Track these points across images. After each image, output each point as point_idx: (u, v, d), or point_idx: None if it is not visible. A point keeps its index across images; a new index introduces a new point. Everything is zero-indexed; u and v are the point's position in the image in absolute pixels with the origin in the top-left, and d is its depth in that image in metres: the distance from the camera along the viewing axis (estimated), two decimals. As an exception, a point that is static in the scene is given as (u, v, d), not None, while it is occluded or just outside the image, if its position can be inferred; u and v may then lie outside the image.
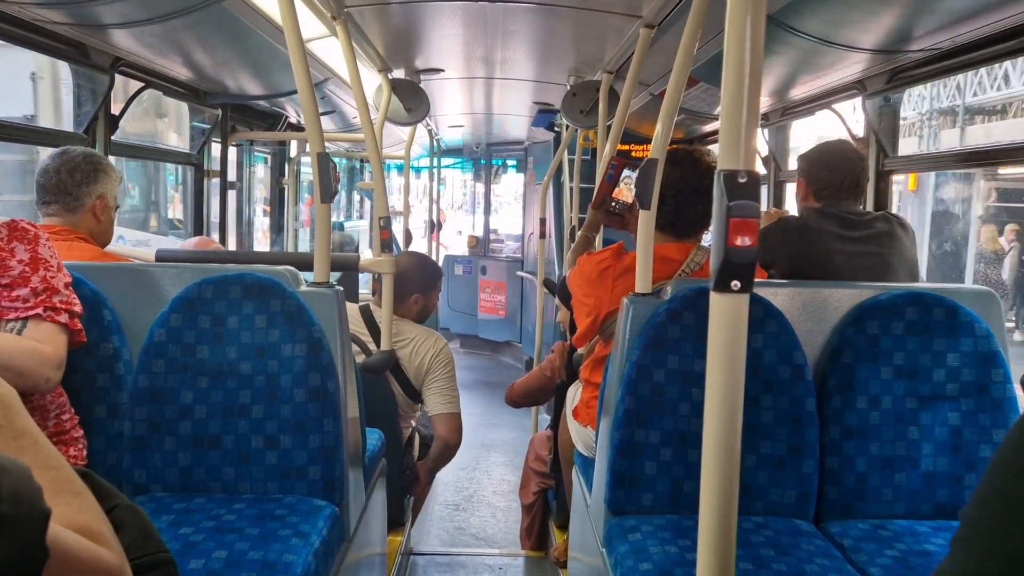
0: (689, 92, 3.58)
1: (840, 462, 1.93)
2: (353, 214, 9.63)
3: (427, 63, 4.00)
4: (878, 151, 3.00)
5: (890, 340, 1.95)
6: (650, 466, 1.90)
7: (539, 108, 5.38)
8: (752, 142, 0.98)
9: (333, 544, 1.84)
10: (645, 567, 1.66)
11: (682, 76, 1.84)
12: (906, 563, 1.72)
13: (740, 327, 0.99)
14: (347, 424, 1.99)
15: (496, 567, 3.45)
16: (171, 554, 0.88)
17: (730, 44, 0.97)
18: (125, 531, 0.80)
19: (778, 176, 4.09)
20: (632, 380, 1.90)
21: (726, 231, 0.97)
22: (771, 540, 1.78)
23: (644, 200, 1.97)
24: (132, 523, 0.84)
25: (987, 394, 1.94)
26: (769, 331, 1.91)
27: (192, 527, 1.70)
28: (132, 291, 2.01)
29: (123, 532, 0.79)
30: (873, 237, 2.41)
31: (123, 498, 0.87)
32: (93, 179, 2.23)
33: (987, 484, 0.53)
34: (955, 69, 2.57)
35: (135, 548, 0.80)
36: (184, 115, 4.17)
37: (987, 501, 0.52)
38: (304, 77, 2.00)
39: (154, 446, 1.90)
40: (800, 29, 2.38)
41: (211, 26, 2.70)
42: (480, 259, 9.26)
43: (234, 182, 4.58)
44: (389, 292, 2.81)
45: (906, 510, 1.93)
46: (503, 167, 9.91)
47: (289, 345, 1.92)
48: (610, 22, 2.94)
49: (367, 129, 2.83)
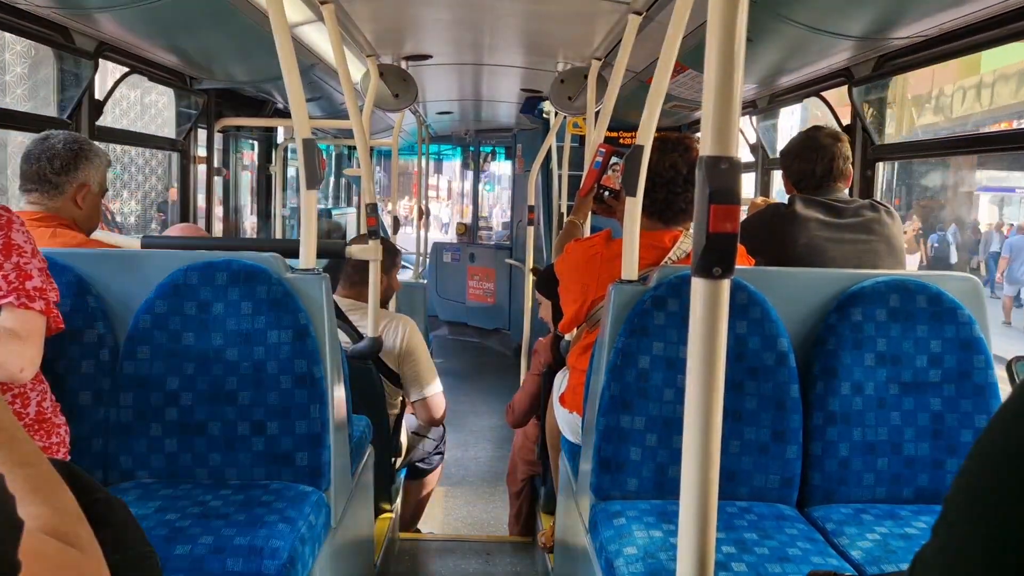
0: (676, 79, 3.58)
1: (823, 447, 1.94)
2: (341, 201, 9.58)
3: (415, 49, 3.98)
4: (864, 139, 3.02)
5: (873, 327, 1.96)
6: (635, 451, 1.91)
7: (527, 95, 5.37)
8: (734, 129, 0.98)
9: (320, 529, 1.84)
10: (630, 551, 1.67)
11: (669, 63, 1.84)
12: (887, 546, 1.74)
13: (721, 312, 1.00)
14: (333, 410, 1.99)
15: (483, 552, 3.47)
16: (152, 547, 0.88)
17: (712, 30, 0.98)
18: (105, 526, 0.80)
19: (766, 164, 4.10)
20: (617, 366, 1.90)
21: (708, 217, 0.97)
22: (754, 524, 1.80)
23: (630, 187, 1.98)
24: (113, 518, 0.83)
25: (969, 380, 1.96)
26: (754, 317, 1.92)
27: (178, 513, 1.70)
28: (117, 277, 2.00)
29: (103, 526, 0.78)
30: (859, 225, 2.42)
31: (104, 491, 0.86)
32: (74, 166, 2.21)
33: (970, 469, 0.53)
34: (941, 57, 2.58)
35: (116, 543, 0.80)
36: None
37: (970, 486, 0.53)
38: (290, 62, 1.99)
39: (140, 432, 1.90)
40: (788, 16, 2.38)
41: (196, 10, 2.68)
42: (468, 246, 9.25)
43: (220, 168, 4.55)
44: (375, 278, 2.81)
45: (888, 494, 1.96)
46: (492, 154, 9.89)
47: (275, 331, 1.92)
48: (598, 8, 2.94)
49: (354, 115, 2.82)
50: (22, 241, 1.63)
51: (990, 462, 0.52)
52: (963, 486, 0.53)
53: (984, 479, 0.52)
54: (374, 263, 2.81)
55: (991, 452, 0.52)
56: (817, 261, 2.38)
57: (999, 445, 0.52)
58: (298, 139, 2.09)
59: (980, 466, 0.53)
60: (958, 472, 0.54)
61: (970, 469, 0.53)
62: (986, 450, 0.53)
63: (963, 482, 0.54)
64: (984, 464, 0.53)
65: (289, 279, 1.98)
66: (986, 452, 0.53)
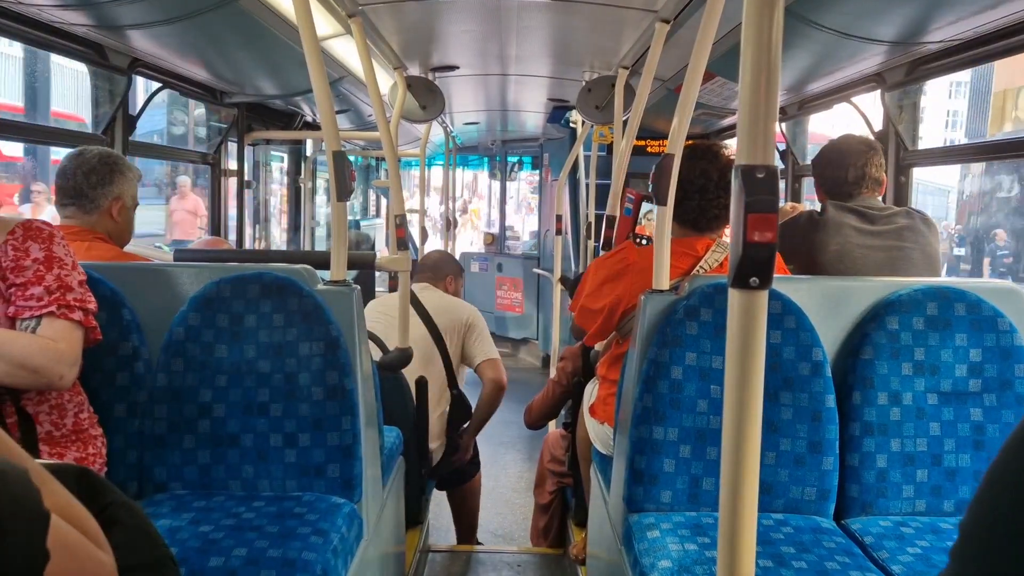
0: (705, 87, 3.55)
1: (860, 459, 1.91)
2: (369, 211, 9.64)
3: (442, 60, 4.00)
4: (897, 144, 2.97)
5: (910, 335, 1.93)
6: (668, 463, 1.89)
7: (554, 104, 5.37)
8: (770, 137, 0.97)
9: (352, 541, 1.84)
10: (664, 565, 1.65)
11: (699, 70, 1.83)
12: (928, 560, 1.70)
13: (759, 324, 0.98)
14: (365, 422, 2.00)
15: (514, 564, 3.45)
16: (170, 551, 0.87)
17: (747, 38, 0.96)
18: (119, 529, 0.79)
19: (795, 170, 4.05)
20: (650, 377, 1.89)
21: (745, 227, 0.96)
22: (791, 537, 1.77)
23: (661, 196, 1.96)
24: (129, 521, 0.83)
25: (1010, 389, 1.92)
26: (788, 327, 1.89)
27: (212, 525, 1.71)
28: (150, 290, 2.02)
29: (117, 529, 0.77)
30: (893, 231, 2.38)
31: (119, 495, 0.85)
32: (109, 180, 2.24)
33: (982, 497, 0.51)
34: (975, 61, 2.54)
35: (131, 546, 0.79)
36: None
37: (983, 516, 0.51)
38: (319, 76, 2.01)
39: (173, 444, 1.92)
40: (818, 21, 2.36)
41: (226, 26, 2.71)
42: (496, 256, 9.26)
43: (250, 181, 4.60)
44: (405, 290, 2.81)
45: (928, 507, 1.91)
46: (519, 164, 9.90)
47: (307, 344, 1.93)
48: (625, 17, 2.93)
49: (382, 127, 2.83)
50: (63, 254, 1.66)
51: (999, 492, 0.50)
52: (976, 515, 0.51)
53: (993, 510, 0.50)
54: (403, 274, 2.81)
55: (1001, 482, 0.50)
56: (849, 267, 2.34)
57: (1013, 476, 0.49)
58: (328, 152, 2.10)
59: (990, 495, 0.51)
60: (974, 497, 0.52)
61: (981, 497, 0.51)
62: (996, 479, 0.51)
63: (976, 510, 0.51)
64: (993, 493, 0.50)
65: (320, 291, 1.99)
66: (996, 481, 0.51)
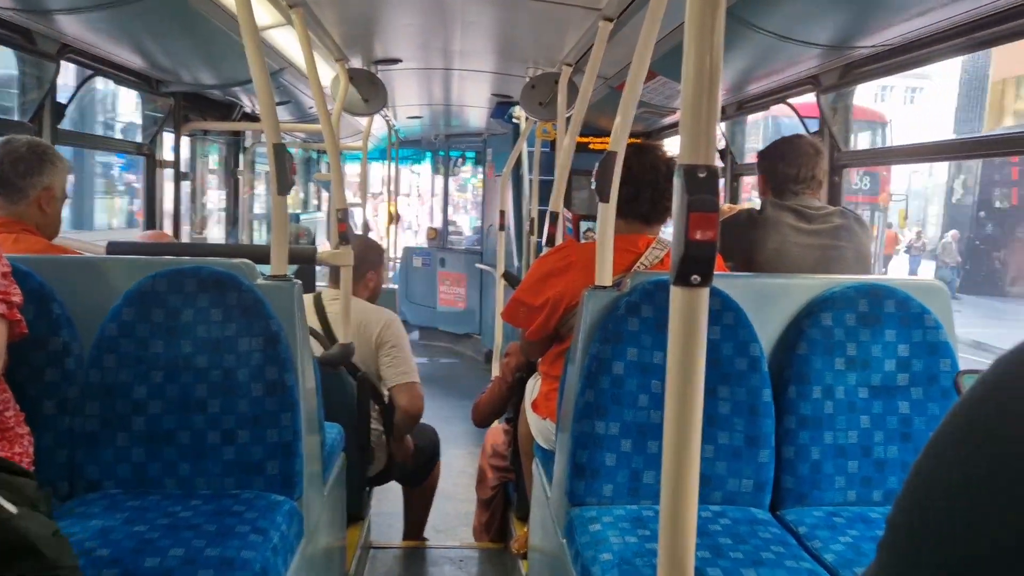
0: (647, 85, 3.60)
1: (795, 451, 1.96)
2: (310, 205, 9.50)
3: (385, 53, 3.96)
4: (831, 145, 3.06)
5: (843, 331, 1.99)
6: (610, 457, 1.91)
7: (498, 100, 5.37)
8: (712, 137, 0.99)
9: (292, 539, 1.82)
10: (605, 557, 1.67)
11: (641, 69, 1.85)
12: (858, 549, 1.75)
13: (700, 320, 1.00)
14: (305, 418, 1.97)
15: (456, 559, 3.45)
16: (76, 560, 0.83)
17: (690, 39, 0.98)
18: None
19: (734, 170, 4.13)
20: (592, 372, 1.91)
21: (686, 225, 0.97)
22: (728, 529, 1.81)
23: (603, 193, 1.98)
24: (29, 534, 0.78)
25: (936, 384, 1.99)
26: (727, 323, 1.93)
27: (147, 525, 1.67)
28: (82, 284, 1.95)
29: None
30: (828, 231, 2.46)
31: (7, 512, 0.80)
32: (38, 170, 2.16)
33: (908, 491, 0.52)
34: (904, 65, 2.63)
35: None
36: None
37: (908, 509, 0.52)
38: (259, 66, 1.97)
39: (106, 442, 1.86)
40: (757, 24, 2.41)
41: (162, 13, 2.64)
42: (439, 251, 9.22)
43: (187, 173, 4.49)
44: (347, 285, 2.78)
45: (858, 497, 1.98)
46: (462, 159, 9.87)
47: (246, 339, 1.89)
48: (569, 15, 2.94)
49: (324, 119, 2.79)
50: None
51: (923, 485, 0.51)
52: (901, 508, 0.52)
53: (918, 505, 0.51)
54: (345, 269, 2.78)
55: (925, 475, 0.51)
56: (787, 265, 2.41)
57: (935, 472, 0.50)
58: (268, 144, 2.06)
59: (914, 488, 0.51)
60: (901, 491, 0.53)
61: (907, 491, 0.52)
62: (920, 472, 0.51)
63: (901, 503, 0.52)
64: (917, 487, 0.51)
65: (260, 286, 1.96)
66: (920, 474, 0.51)
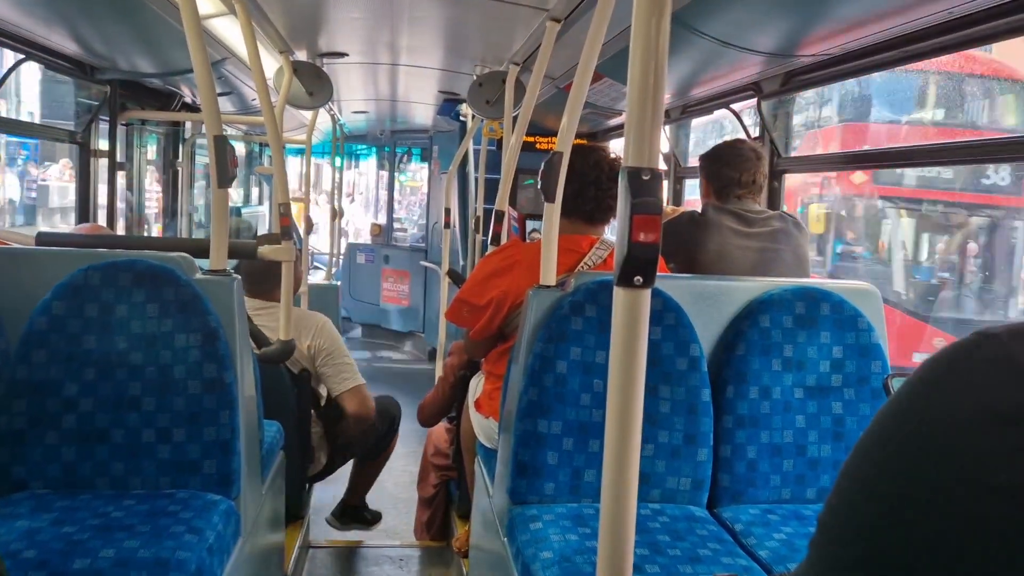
0: (594, 87, 3.63)
1: (732, 450, 2.00)
2: (251, 199, 9.32)
3: (330, 46, 3.91)
4: (772, 151, 3.13)
5: (780, 332, 2.04)
6: (552, 456, 1.92)
7: (445, 97, 5.34)
8: (656, 140, 1.00)
9: (229, 539, 1.78)
10: (546, 555, 1.68)
11: (588, 70, 1.86)
12: (792, 545, 1.80)
13: (642, 321, 1.02)
14: (244, 416, 1.93)
15: (397, 558, 3.43)
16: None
17: (636, 43, 0.99)
18: None
19: (678, 172, 4.20)
20: (535, 371, 1.91)
21: (630, 228, 0.99)
22: (667, 526, 1.84)
23: (549, 193, 1.99)
24: None
25: (867, 384, 2.06)
26: (668, 324, 1.96)
27: (76, 525, 1.62)
28: (9, 276, 1.89)
29: None
30: (767, 234, 2.51)
31: None
32: None
33: (837, 491, 0.53)
34: (844, 75, 2.70)
35: None
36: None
37: (836, 508, 0.53)
38: (200, 56, 1.93)
39: (34, 441, 1.80)
40: (701, 29, 2.45)
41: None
42: (383, 248, 9.15)
43: (123, 163, 4.36)
44: (288, 281, 2.74)
45: (792, 495, 2.03)
46: (408, 155, 9.80)
47: (183, 335, 1.85)
48: (517, 14, 2.95)
49: (267, 112, 2.74)
50: None
51: (851, 485, 0.52)
52: (830, 507, 0.53)
53: (846, 504, 0.52)
54: (287, 264, 2.73)
55: (853, 475, 0.52)
56: (727, 267, 2.45)
57: (859, 469, 0.51)
58: (209, 136, 2.01)
59: (843, 488, 0.52)
60: (832, 490, 0.54)
61: (836, 490, 0.53)
62: (849, 472, 0.52)
63: (831, 503, 0.53)
64: (846, 487, 0.52)
65: (198, 281, 1.91)
66: (849, 475, 0.52)
